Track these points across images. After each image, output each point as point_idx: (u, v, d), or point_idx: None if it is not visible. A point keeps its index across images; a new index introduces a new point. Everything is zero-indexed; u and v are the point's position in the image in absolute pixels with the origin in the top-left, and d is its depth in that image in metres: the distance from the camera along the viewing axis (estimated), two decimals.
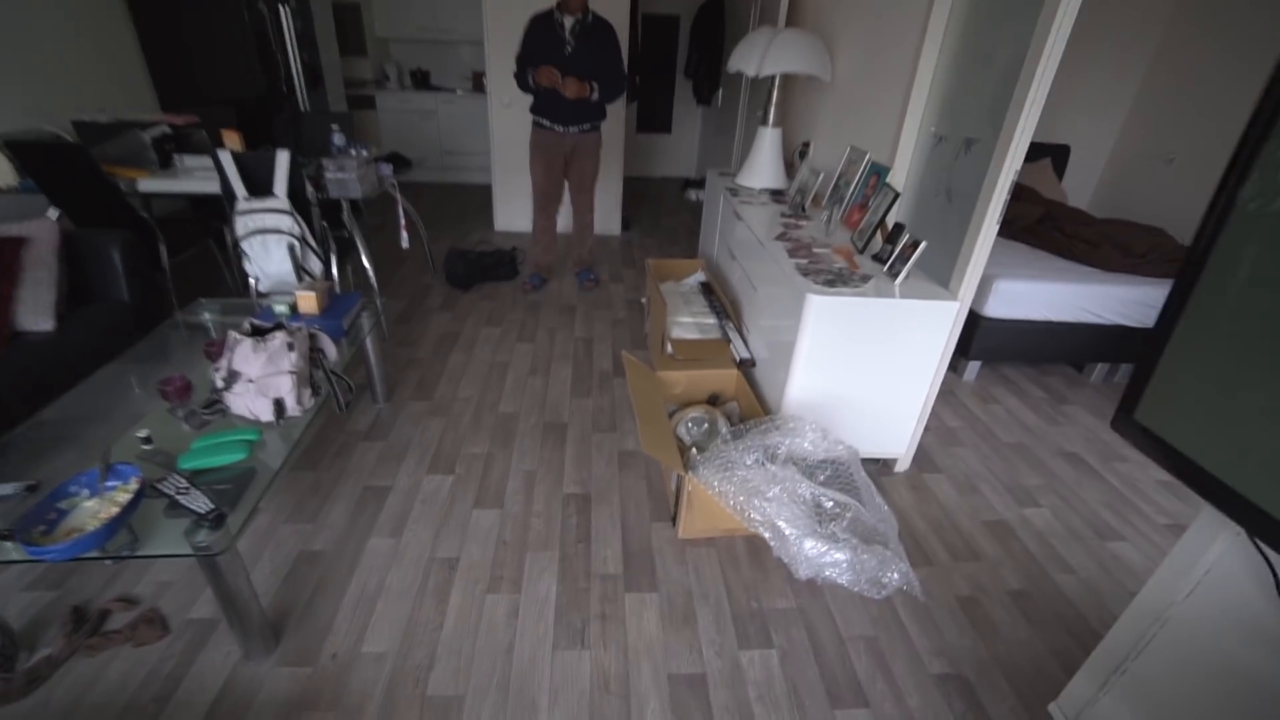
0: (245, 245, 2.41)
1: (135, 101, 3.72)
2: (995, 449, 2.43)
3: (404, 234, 3.05)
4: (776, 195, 3.01)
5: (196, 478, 1.39)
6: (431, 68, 5.94)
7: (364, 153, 2.88)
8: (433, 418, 2.41)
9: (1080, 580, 1.85)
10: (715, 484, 1.71)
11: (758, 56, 2.83)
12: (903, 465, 2.25)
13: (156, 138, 2.90)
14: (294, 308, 2.03)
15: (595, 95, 3.09)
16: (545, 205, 3.50)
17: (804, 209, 2.74)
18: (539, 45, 3.03)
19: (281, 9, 3.92)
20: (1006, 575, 1.85)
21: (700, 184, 5.98)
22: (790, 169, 3.27)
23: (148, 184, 2.70)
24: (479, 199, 5.40)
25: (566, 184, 3.49)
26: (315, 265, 2.58)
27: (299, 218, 2.47)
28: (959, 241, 1.92)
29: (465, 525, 1.91)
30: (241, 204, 2.41)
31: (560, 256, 3.95)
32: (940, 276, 2.01)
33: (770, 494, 1.62)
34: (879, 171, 2.38)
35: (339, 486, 2.03)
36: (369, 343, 2.28)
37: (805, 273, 2.00)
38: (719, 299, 2.81)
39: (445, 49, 5.89)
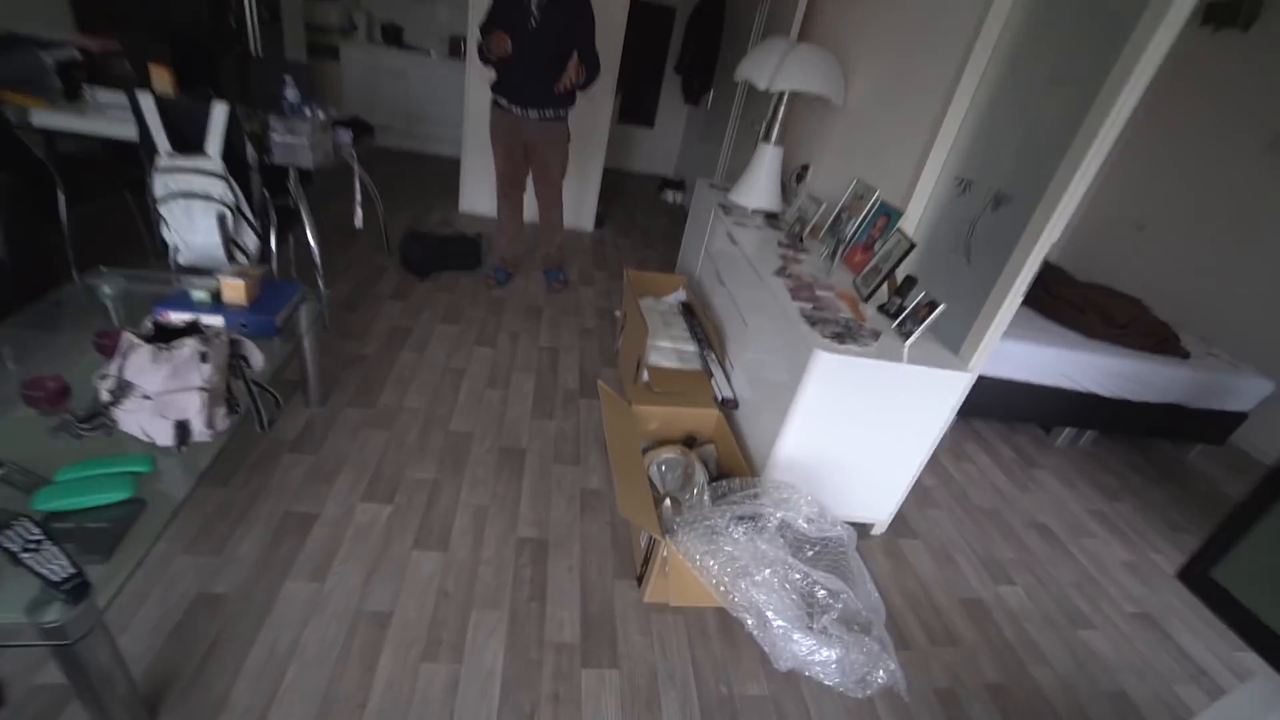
0: (164, 209, 2.03)
1: (41, 16, 3.17)
2: (969, 513, 2.33)
3: (358, 211, 2.69)
4: (771, 219, 2.82)
5: (57, 521, 1.07)
6: (405, 24, 5.45)
7: (320, 114, 2.50)
8: (374, 430, 2.11)
9: (1056, 675, 1.75)
10: (697, 556, 1.50)
11: (770, 69, 2.61)
12: (880, 529, 2.11)
13: (63, 61, 2.43)
14: (217, 296, 1.68)
15: (581, 80, 2.75)
16: (508, 191, 3.19)
17: (801, 239, 2.55)
18: (503, 14, 2.70)
19: None
20: (984, 665, 1.73)
21: (679, 186, 5.75)
22: (786, 191, 3.08)
23: (44, 116, 2.24)
24: (445, 174, 4.98)
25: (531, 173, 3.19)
26: (250, 240, 2.21)
27: (234, 184, 2.10)
28: (976, 306, 1.77)
29: (402, 570, 1.64)
30: (164, 160, 2.03)
31: (529, 248, 3.64)
32: (950, 340, 1.85)
33: (759, 577, 1.43)
34: (889, 213, 2.21)
35: (254, 509, 1.72)
36: (307, 339, 1.96)
37: (812, 321, 1.81)
38: (701, 324, 2.60)
39: (422, 6, 5.40)
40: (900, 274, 2.03)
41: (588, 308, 3.32)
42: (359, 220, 2.74)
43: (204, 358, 1.28)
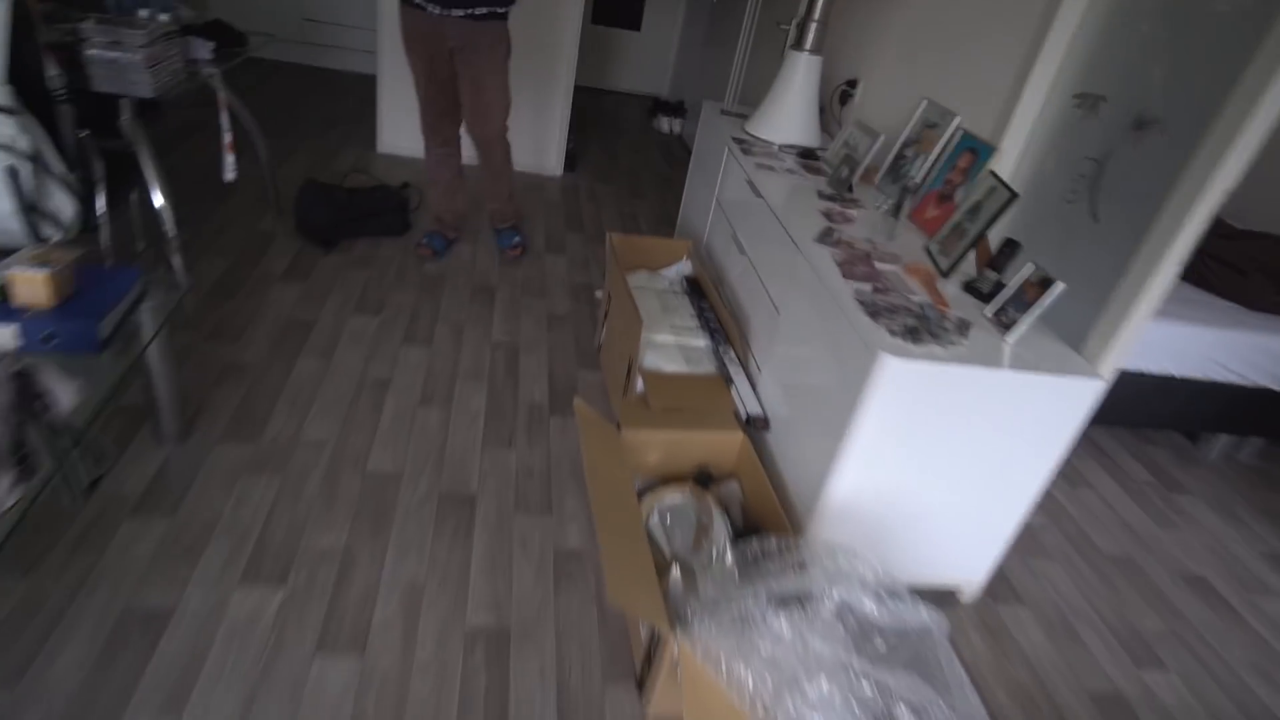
0: None
1: None
2: (1094, 565, 2.20)
3: (228, 157, 2.49)
4: (808, 158, 2.65)
5: None
6: None
7: (162, 16, 2.30)
8: (258, 476, 1.95)
9: None
10: (722, 658, 1.36)
11: None
12: (972, 593, 1.98)
13: None
14: (5, 294, 1.51)
15: None
16: (436, 125, 2.98)
17: (851, 187, 2.39)
18: None
19: None
20: None
21: (677, 110, 5.56)
22: (825, 117, 2.91)
23: None
24: (358, 98, 4.77)
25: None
26: (63, 205, 2.03)
27: (34, 121, 1.91)
28: (1109, 282, 1.63)
29: (299, 688, 1.49)
30: None
31: (474, 204, 3.46)
32: (1071, 331, 1.71)
33: (813, 693, 1.29)
34: (975, 148, 2.06)
35: (76, 608, 1.54)
36: (154, 350, 1.79)
37: (874, 310, 1.66)
38: (713, 307, 2.44)
39: None
40: (995, 238, 1.87)
41: (557, 285, 3.16)
42: (230, 170, 2.55)
43: None
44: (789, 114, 2.72)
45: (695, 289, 2.58)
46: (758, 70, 3.93)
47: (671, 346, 2.27)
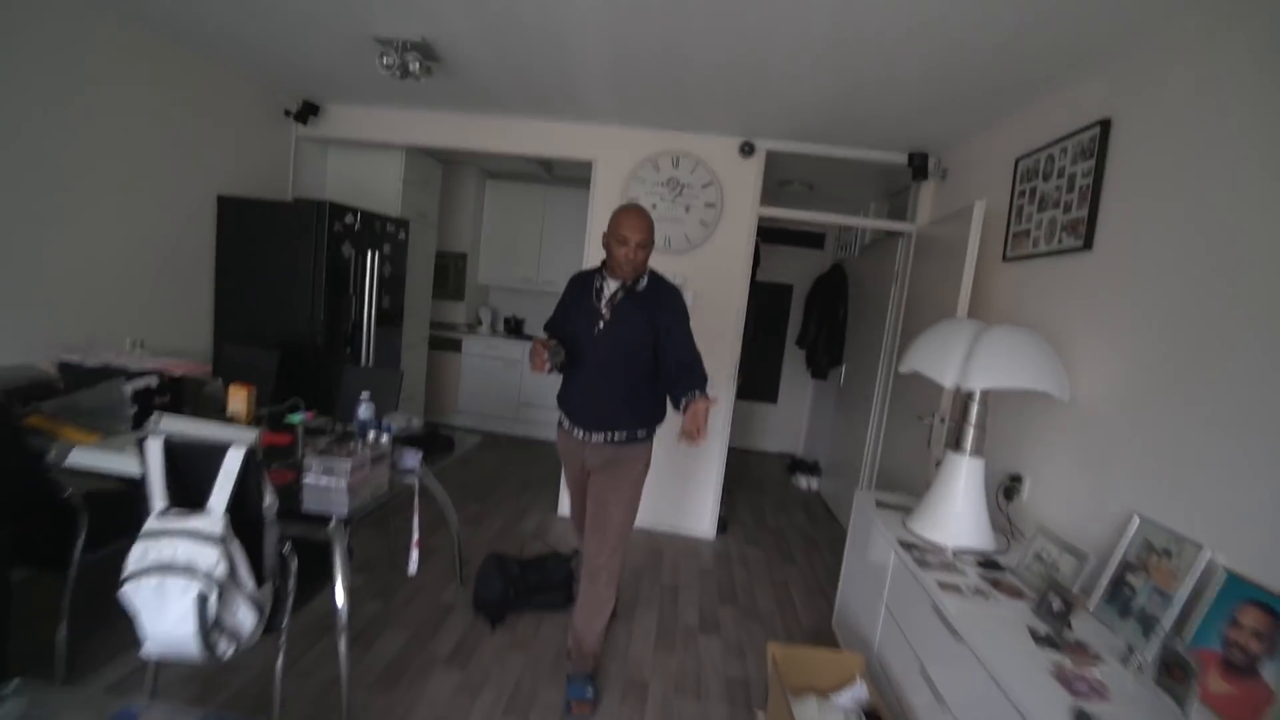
0: (131, 588, 1.49)
1: (192, 334, 3.31)
2: None
3: (414, 553, 2.09)
4: (990, 567, 1.86)
5: None
6: (527, 315, 5.67)
7: (385, 437, 2.08)
8: None
9: None
10: None
11: (956, 361, 1.92)
12: None
13: (140, 390, 2.26)
14: None
15: (696, 399, 1.82)
16: (580, 529, 2.38)
17: (1069, 621, 1.55)
18: (569, 314, 2.16)
19: (370, 254, 3.61)
20: None
21: (813, 469, 4.94)
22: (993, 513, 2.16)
23: (80, 455, 1.96)
24: (549, 465, 4.58)
25: None
26: (245, 621, 1.60)
27: (235, 548, 1.56)
28: None
29: None
30: (151, 521, 1.55)
31: (640, 572, 2.83)
32: None
33: None
34: (1252, 597, 1.22)
35: None
36: None
37: None
38: None
39: (544, 299, 5.65)
40: None
41: (712, 676, 2.33)
42: (414, 565, 2.13)
43: None
44: (957, 517, 2.00)
45: None
46: (893, 450, 3.30)
47: None
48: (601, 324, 2.03)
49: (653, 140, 3.48)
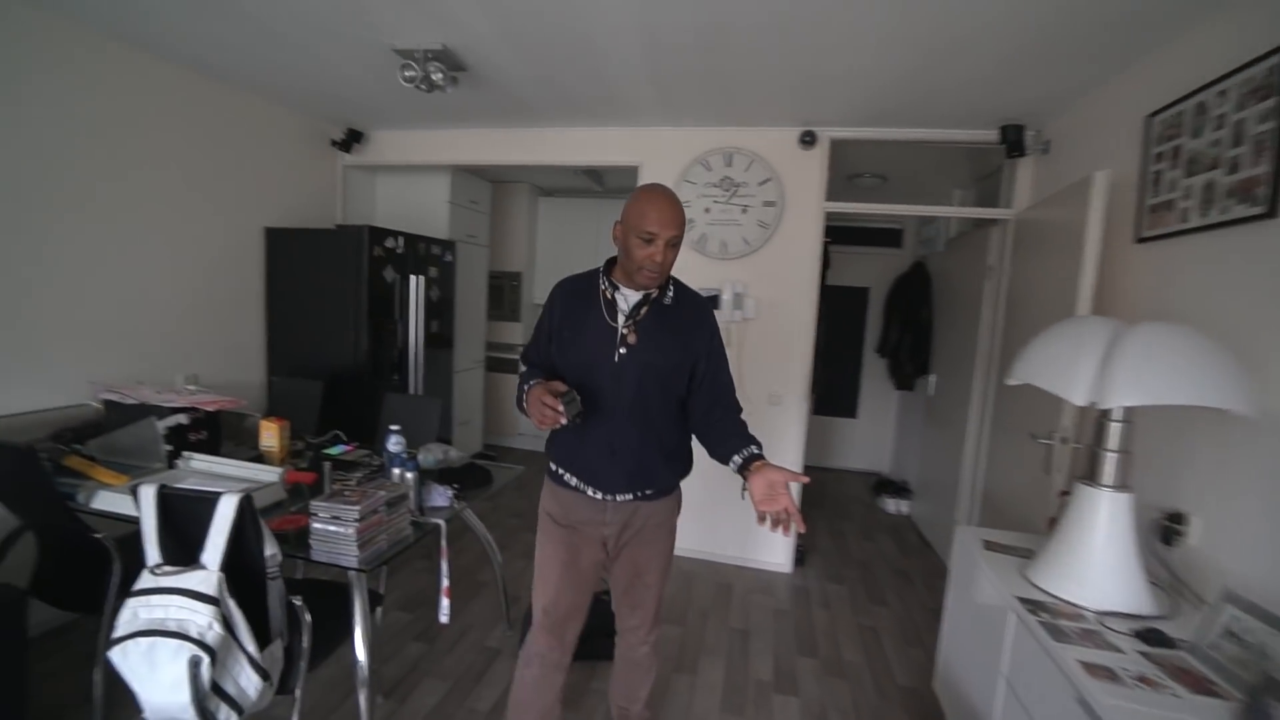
0: (119, 654, 1.34)
1: (245, 367, 3.31)
2: None
3: (444, 601, 1.87)
4: (1154, 641, 1.43)
5: None
6: None
7: (409, 475, 1.89)
8: None
9: None
10: None
11: (1088, 371, 1.51)
12: None
13: (173, 427, 2.19)
14: None
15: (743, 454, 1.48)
16: (559, 627, 1.68)
17: None
18: (564, 338, 1.59)
19: (414, 279, 3.52)
20: None
21: (902, 490, 4.45)
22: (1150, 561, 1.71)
23: (103, 498, 1.87)
24: None
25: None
26: (248, 686, 1.42)
27: (233, 607, 1.39)
28: None
29: None
30: (143, 578, 1.41)
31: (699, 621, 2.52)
32: None
33: None
34: None
35: None
36: None
37: None
38: None
39: None
40: None
41: None
42: (445, 613, 1.92)
43: None
44: (1098, 568, 1.57)
45: None
46: (999, 471, 2.83)
47: None
48: (624, 349, 1.52)
49: (701, 138, 3.21)
